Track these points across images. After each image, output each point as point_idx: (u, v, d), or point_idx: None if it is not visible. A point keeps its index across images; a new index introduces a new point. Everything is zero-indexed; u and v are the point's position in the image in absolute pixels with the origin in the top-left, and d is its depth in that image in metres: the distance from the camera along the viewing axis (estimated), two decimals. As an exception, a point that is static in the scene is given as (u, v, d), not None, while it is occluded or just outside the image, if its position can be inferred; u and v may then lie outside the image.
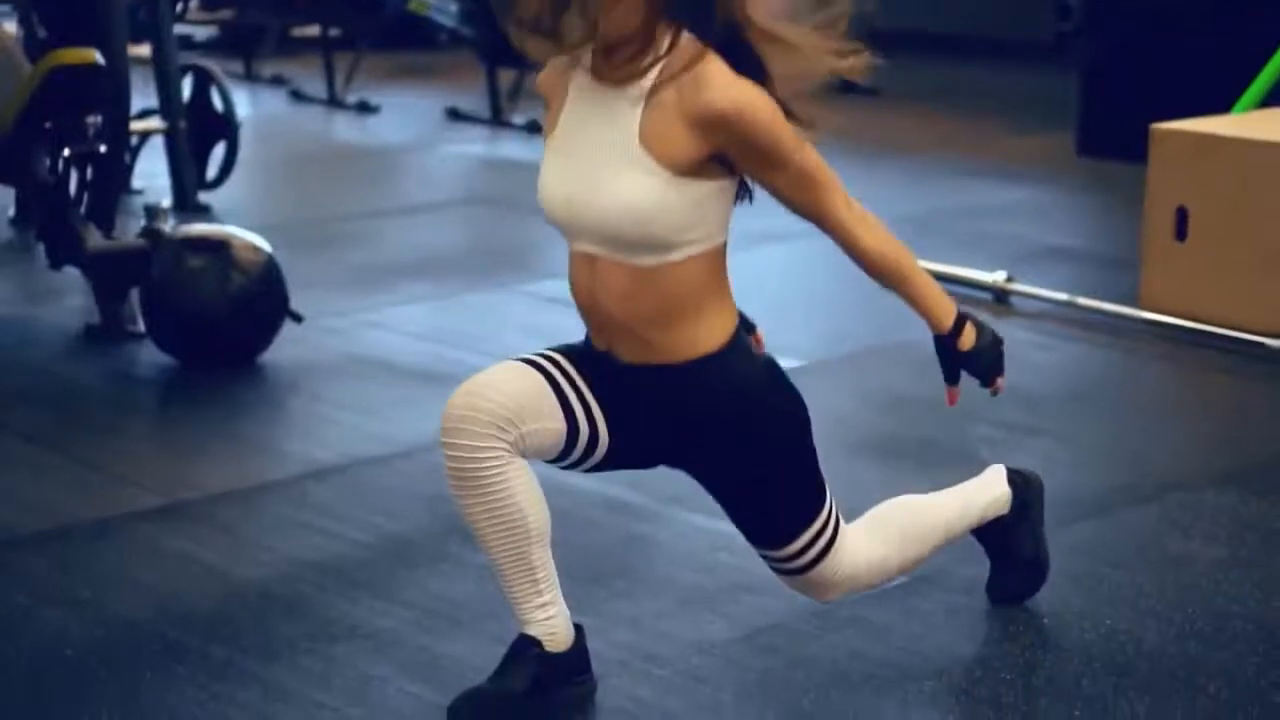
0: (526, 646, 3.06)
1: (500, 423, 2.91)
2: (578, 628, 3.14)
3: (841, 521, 3.19)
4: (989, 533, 3.50)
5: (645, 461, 3.13)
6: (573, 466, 3.08)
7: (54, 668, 3.29)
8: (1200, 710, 3.15)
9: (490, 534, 2.98)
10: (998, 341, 3.20)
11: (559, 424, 2.98)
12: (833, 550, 3.16)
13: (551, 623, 3.07)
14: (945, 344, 3.17)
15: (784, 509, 3.11)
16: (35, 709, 3.13)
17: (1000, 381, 3.23)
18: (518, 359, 3.02)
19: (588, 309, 3.01)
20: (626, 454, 3.07)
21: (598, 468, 3.09)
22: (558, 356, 3.04)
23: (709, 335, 2.98)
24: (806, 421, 3.10)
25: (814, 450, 3.12)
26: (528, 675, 3.04)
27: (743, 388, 3.01)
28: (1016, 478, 3.52)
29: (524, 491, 2.96)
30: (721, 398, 2.99)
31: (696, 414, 3.01)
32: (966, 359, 3.18)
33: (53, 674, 3.26)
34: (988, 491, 3.47)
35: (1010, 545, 3.51)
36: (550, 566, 3.06)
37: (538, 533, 3.00)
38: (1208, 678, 3.26)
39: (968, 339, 3.15)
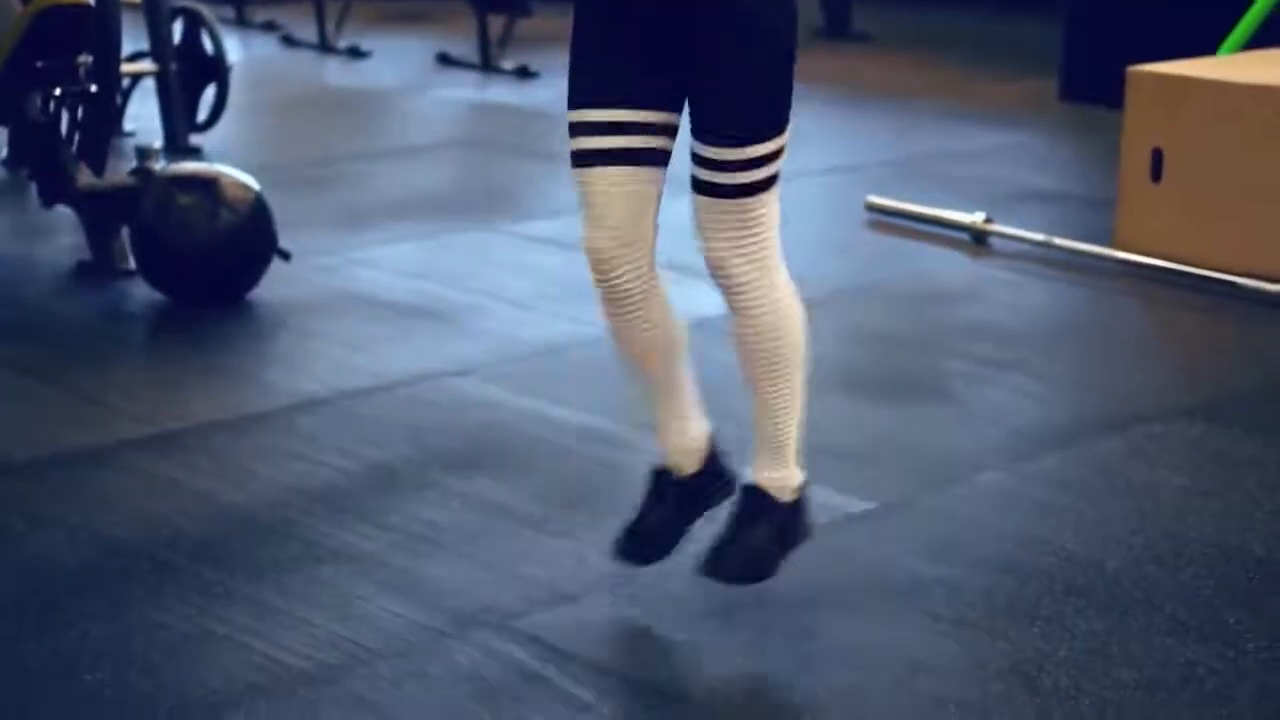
0: (663, 475, 3.36)
1: (626, 244, 3.11)
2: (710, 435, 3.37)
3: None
4: (753, 496, 3.34)
5: (683, 85, 3.10)
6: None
7: (47, 587, 3.39)
8: (1156, 627, 3.25)
9: (638, 351, 3.22)
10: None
11: (656, 174, 3.12)
12: (773, 191, 3.11)
13: (692, 435, 3.33)
14: None
15: (762, 99, 3.04)
16: (29, 626, 3.24)
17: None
18: (595, 160, 3.09)
19: None
20: (678, 96, 3.10)
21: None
22: (598, 117, 3.08)
23: None
24: (795, 35, 3.08)
25: (792, 70, 3.09)
26: (672, 503, 3.35)
27: None
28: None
29: (662, 310, 3.20)
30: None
31: (702, 11, 3.01)
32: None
33: (46, 593, 3.37)
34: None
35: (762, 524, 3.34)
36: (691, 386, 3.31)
37: (680, 349, 3.25)
38: (1164, 598, 3.37)
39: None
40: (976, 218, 5.90)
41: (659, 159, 3.13)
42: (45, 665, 3.10)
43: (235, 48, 9.28)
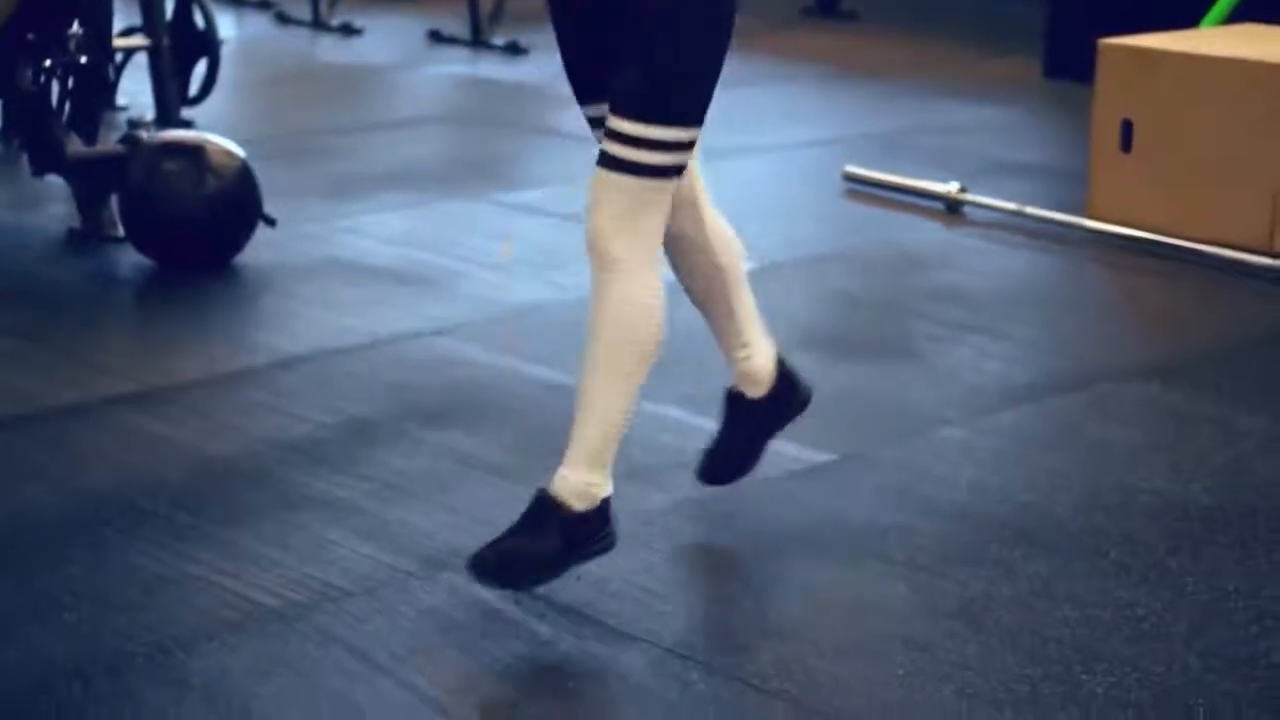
0: (736, 396, 3.57)
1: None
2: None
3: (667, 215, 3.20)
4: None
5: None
6: None
7: (27, 533, 3.51)
8: (1100, 571, 3.37)
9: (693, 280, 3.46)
10: None
11: None
12: (663, 183, 3.11)
13: (750, 363, 3.54)
14: None
15: (660, 82, 3.08)
16: (11, 570, 3.35)
17: None
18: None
19: None
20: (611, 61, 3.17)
21: None
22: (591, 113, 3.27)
23: None
24: (730, 23, 3.14)
25: (720, 63, 3.14)
26: (745, 423, 3.58)
27: None
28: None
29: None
30: None
31: None
32: None
33: (26, 539, 3.49)
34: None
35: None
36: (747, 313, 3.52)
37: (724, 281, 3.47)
38: (1110, 544, 3.49)
39: None
40: (951, 187, 6.01)
41: None
42: (26, 605, 3.21)
43: (230, 25, 9.40)
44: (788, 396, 3.63)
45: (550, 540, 3.17)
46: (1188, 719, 2.85)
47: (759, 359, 3.57)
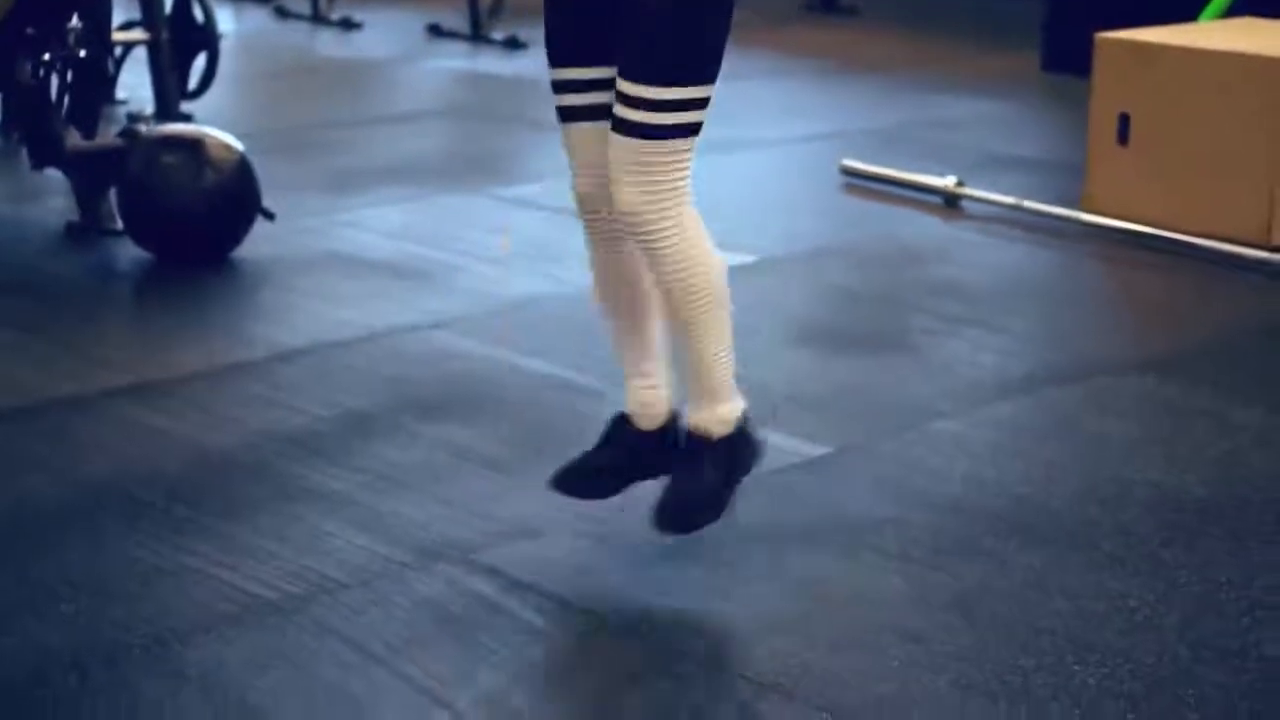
0: (621, 422, 3.43)
1: (604, 185, 3.22)
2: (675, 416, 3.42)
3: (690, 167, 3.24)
4: (692, 440, 3.39)
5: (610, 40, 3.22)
6: None
7: (26, 523, 3.52)
8: (1093, 563, 3.38)
9: (611, 287, 3.36)
10: None
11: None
12: (683, 142, 3.15)
13: (651, 393, 3.40)
14: None
15: (678, 38, 3.12)
16: (8, 560, 3.36)
17: None
18: (571, 121, 3.26)
19: None
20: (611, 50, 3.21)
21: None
22: (562, 75, 3.26)
23: None
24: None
25: (726, 29, 3.17)
26: (622, 452, 3.42)
27: None
28: (746, 423, 3.44)
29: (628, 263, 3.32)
30: None
31: None
32: None
33: (25, 529, 3.50)
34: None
35: (704, 467, 3.39)
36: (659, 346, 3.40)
37: (653, 301, 3.35)
38: (1104, 536, 3.50)
39: None
40: (948, 181, 6.02)
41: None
42: (24, 596, 3.22)
43: (229, 19, 9.42)
44: (667, 450, 3.41)
45: (711, 472, 3.33)
46: (1178, 709, 2.86)
47: (653, 396, 3.40)
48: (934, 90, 8.14)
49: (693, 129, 3.16)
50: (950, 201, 5.99)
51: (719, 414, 3.33)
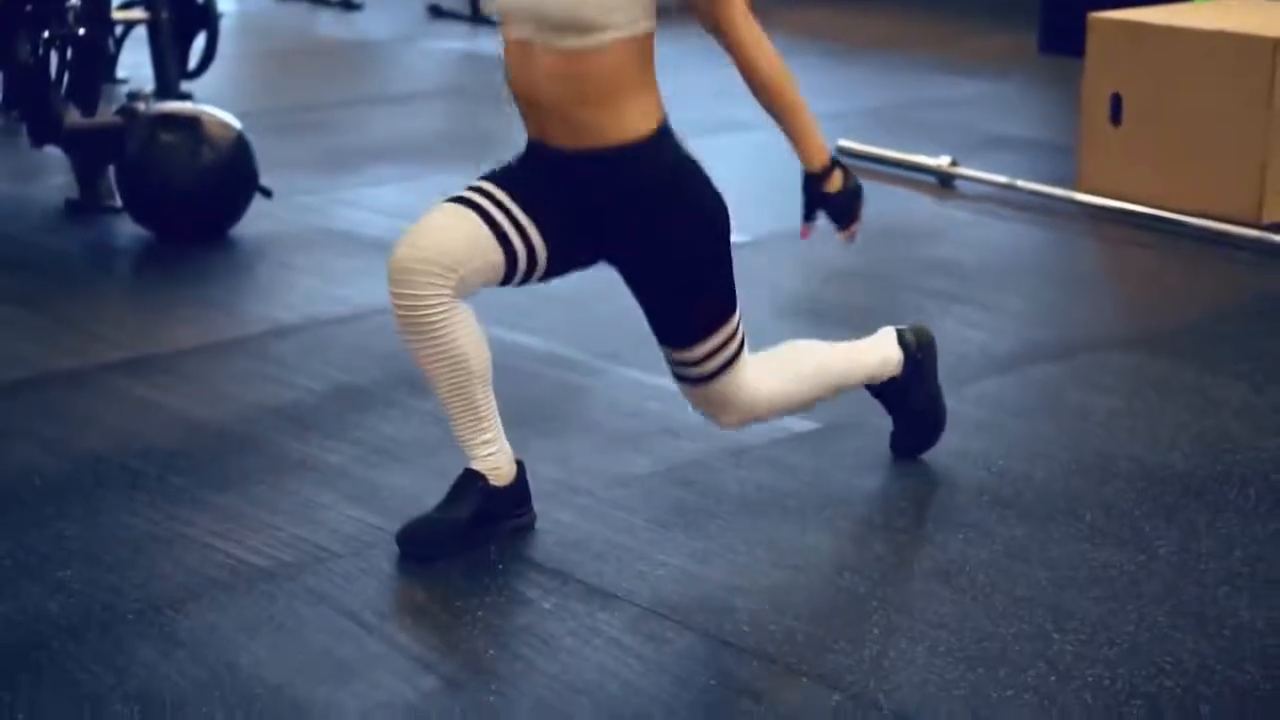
0: (471, 480, 3.35)
1: (441, 270, 3.20)
2: (520, 464, 3.41)
3: (746, 344, 3.43)
4: (886, 392, 3.72)
5: (582, 259, 3.34)
6: (522, 284, 3.35)
7: (24, 494, 3.58)
8: (1075, 534, 3.43)
9: (437, 374, 3.28)
10: (859, 191, 3.39)
11: (497, 255, 3.25)
12: (736, 365, 3.38)
13: (494, 458, 3.35)
14: (812, 183, 3.35)
15: (697, 304, 3.32)
16: (6, 528, 3.42)
17: (855, 228, 3.41)
18: (450, 199, 3.29)
19: (522, 95, 3.29)
20: (565, 257, 3.31)
21: (544, 278, 3.35)
22: (487, 186, 3.31)
23: (635, 122, 3.19)
24: (727, 225, 3.31)
25: (730, 258, 3.33)
26: (472, 505, 3.33)
27: (668, 175, 3.23)
28: (907, 336, 3.73)
29: (466, 335, 3.25)
30: (647, 182, 3.22)
31: (622, 197, 3.23)
32: (828, 201, 3.36)
33: (23, 499, 3.55)
34: (878, 351, 3.68)
35: (906, 402, 3.73)
36: (492, 405, 3.34)
37: (480, 373, 3.28)
38: (1086, 508, 3.54)
39: (834, 183, 3.35)
40: (942, 161, 6.06)
41: (508, 247, 3.25)
42: (20, 563, 3.28)
43: (230, -1, 9.45)
44: (519, 502, 3.42)
45: (920, 399, 3.73)
46: (1155, 676, 2.91)
47: (503, 455, 3.37)
48: (931, 71, 8.17)
49: (740, 351, 3.39)
50: (944, 181, 6.04)
51: (889, 368, 3.67)
